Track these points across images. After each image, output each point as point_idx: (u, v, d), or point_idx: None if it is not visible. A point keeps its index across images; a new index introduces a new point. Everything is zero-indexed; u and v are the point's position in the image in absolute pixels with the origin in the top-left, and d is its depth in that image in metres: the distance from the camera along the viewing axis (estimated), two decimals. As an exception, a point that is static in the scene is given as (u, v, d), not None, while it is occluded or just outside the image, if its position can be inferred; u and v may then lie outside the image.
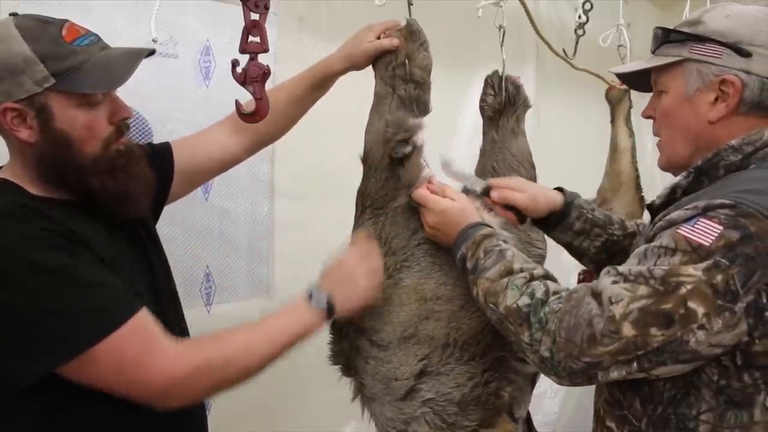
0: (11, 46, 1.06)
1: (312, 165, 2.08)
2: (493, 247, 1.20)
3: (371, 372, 1.36)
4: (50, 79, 1.07)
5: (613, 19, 2.31)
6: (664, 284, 0.97)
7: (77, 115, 1.10)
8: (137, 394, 1.10)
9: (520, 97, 1.63)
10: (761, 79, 1.09)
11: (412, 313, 1.33)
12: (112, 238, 1.17)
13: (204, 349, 1.14)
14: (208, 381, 1.13)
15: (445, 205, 1.30)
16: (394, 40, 1.38)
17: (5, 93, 1.07)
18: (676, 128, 1.18)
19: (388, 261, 1.36)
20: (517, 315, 1.08)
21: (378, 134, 1.37)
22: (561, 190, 1.43)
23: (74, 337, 1.03)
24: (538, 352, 1.04)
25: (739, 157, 1.10)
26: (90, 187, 1.13)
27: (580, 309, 1.01)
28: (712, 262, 0.95)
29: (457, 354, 1.32)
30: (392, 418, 1.34)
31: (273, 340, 1.19)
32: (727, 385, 1.01)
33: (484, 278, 1.17)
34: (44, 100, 1.08)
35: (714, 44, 1.11)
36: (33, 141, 1.09)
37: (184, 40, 1.78)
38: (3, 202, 1.07)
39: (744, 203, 0.98)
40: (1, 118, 1.08)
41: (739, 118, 1.12)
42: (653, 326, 0.96)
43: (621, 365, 0.99)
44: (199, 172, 1.48)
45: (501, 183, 1.41)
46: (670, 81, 1.17)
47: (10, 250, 1.02)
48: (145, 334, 1.09)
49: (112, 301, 1.07)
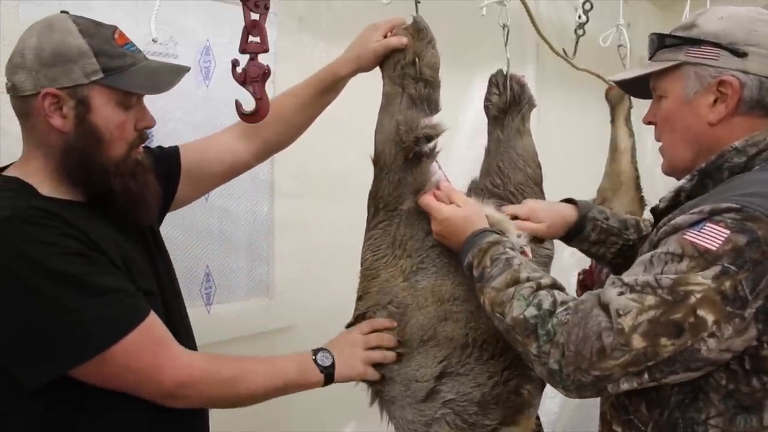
0: (67, 38, 1.10)
1: (312, 165, 2.08)
2: (499, 255, 1.18)
3: (389, 375, 1.35)
4: (99, 73, 1.11)
5: (613, 19, 2.31)
6: (673, 294, 0.95)
7: (113, 113, 1.14)
8: (147, 394, 1.13)
9: (525, 96, 1.62)
10: (759, 78, 1.09)
11: (430, 315, 1.33)
12: (123, 239, 1.18)
13: (215, 362, 1.21)
14: (213, 391, 1.19)
15: (447, 214, 1.29)
16: (403, 38, 1.37)
17: (51, 78, 1.09)
18: (677, 132, 1.17)
19: (404, 263, 1.35)
20: (524, 326, 1.06)
21: (390, 135, 1.35)
22: (573, 202, 1.44)
23: (85, 343, 1.05)
24: (547, 365, 1.03)
25: (744, 159, 1.09)
26: (111, 188, 1.15)
27: (589, 321, 0.99)
28: (720, 269, 0.94)
29: (477, 354, 1.31)
30: (413, 420, 1.32)
31: (273, 377, 1.25)
32: (736, 390, 1.01)
33: (490, 287, 1.15)
34: (87, 92, 1.11)
35: (709, 46, 1.11)
36: (65, 130, 1.11)
37: (184, 40, 1.77)
38: (19, 206, 1.07)
39: (750, 206, 0.97)
40: (40, 102, 1.09)
41: (739, 118, 1.11)
42: (663, 336, 0.95)
43: (632, 377, 0.97)
44: (207, 177, 1.47)
45: (519, 212, 1.41)
46: (669, 85, 1.17)
47: (26, 254, 1.02)
48: (157, 338, 1.13)
49: (123, 308, 1.09)
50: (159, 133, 1.67)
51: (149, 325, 1.11)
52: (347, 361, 1.32)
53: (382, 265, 1.37)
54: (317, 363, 1.29)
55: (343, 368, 1.32)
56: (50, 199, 1.12)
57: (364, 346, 1.33)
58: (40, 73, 1.09)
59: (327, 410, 1.97)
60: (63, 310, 1.03)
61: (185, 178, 1.42)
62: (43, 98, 1.09)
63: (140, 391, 1.12)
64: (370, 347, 1.33)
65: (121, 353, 1.07)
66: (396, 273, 1.36)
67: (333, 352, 1.32)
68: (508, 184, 1.54)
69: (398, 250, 1.36)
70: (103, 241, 1.10)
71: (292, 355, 1.31)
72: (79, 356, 1.05)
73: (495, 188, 1.54)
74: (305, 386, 1.30)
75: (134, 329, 1.08)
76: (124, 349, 1.07)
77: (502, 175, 1.56)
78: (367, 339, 1.34)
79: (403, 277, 1.35)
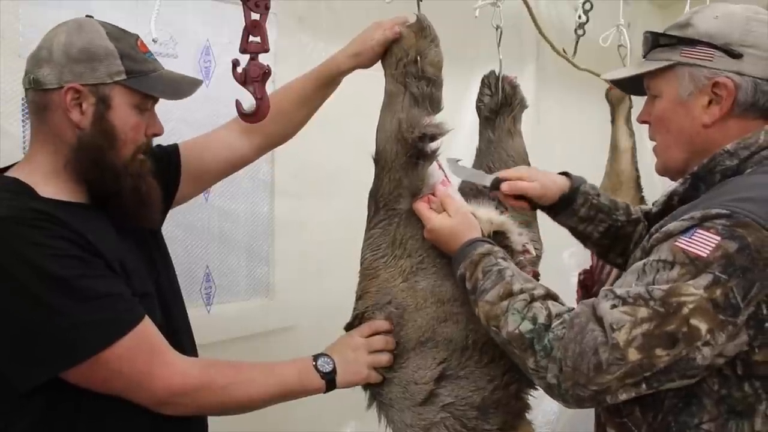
0: (95, 38, 1.14)
1: (312, 165, 2.08)
2: (491, 267, 1.18)
3: (387, 377, 1.34)
4: (122, 75, 1.14)
5: (613, 19, 2.31)
6: (665, 305, 0.95)
7: (130, 115, 1.17)
8: (139, 400, 1.12)
9: (516, 98, 1.63)
10: (754, 80, 1.08)
11: (429, 316, 1.31)
12: (121, 241, 1.18)
13: (210, 370, 1.19)
14: (208, 399, 1.18)
15: (435, 224, 1.29)
16: (396, 27, 1.36)
17: (77, 74, 1.12)
18: (671, 133, 1.17)
19: (404, 263, 1.34)
20: (521, 341, 1.06)
21: (391, 133, 1.34)
22: (568, 175, 1.42)
23: (74, 347, 1.04)
24: (545, 379, 1.03)
25: (736, 162, 1.09)
26: (121, 188, 1.16)
27: (585, 337, 0.99)
28: (711, 278, 0.94)
29: (477, 356, 1.30)
30: (411, 424, 1.30)
31: (271, 385, 1.24)
32: (728, 395, 1.01)
33: (484, 301, 1.15)
34: (108, 91, 1.14)
35: (704, 47, 1.10)
36: (82, 126, 1.13)
37: (184, 40, 1.77)
38: (17, 207, 1.07)
39: (740, 213, 0.96)
40: (62, 96, 1.11)
41: (733, 120, 1.10)
42: (658, 348, 0.95)
43: (629, 387, 0.97)
44: (207, 173, 1.48)
45: (511, 174, 1.39)
46: (663, 85, 1.16)
47: (21, 256, 1.03)
48: (151, 344, 1.12)
49: (116, 312, 1.08)
50: (159, 133, 1.68)
51: (143, 330, 1.10)
52: (350, 367, 1.30)
53: (382, 265, 1.36)
54: (318, 369, 1.28)
55: (347, 374, 1.30)
56: (48, 201, 1.12)
57: (367, 350, 1.32)
58: (66, 68, 1.11)
59: (327, 411, 1.96)
60: (54, 312, 1.03)
61: (185, 177, 1.42)
62: (66, 93, 1.11)
63: (133, 397, 1.12)
64: (373, 351, 1.32)
65: (114, 358, 1.06)
66: (395, 273, 1.35)
67: (334, 358, 1.30)
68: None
69: (398, 250, 1.35)
70: (101, 243, 1.10)
71: (292, 361, 1.29)
72: (68, 360, 1.04)
73: (485, 188, 1.54)
74: (306, 393, 1.28)
75: (127, 334, 1.07)
76: (116, 354, 1.06)
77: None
78: (370, 342, 1.32)
79: (403, 277, 1.34)
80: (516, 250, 1.36)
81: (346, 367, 1.30)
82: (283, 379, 1.25)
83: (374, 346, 1.32)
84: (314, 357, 1.30)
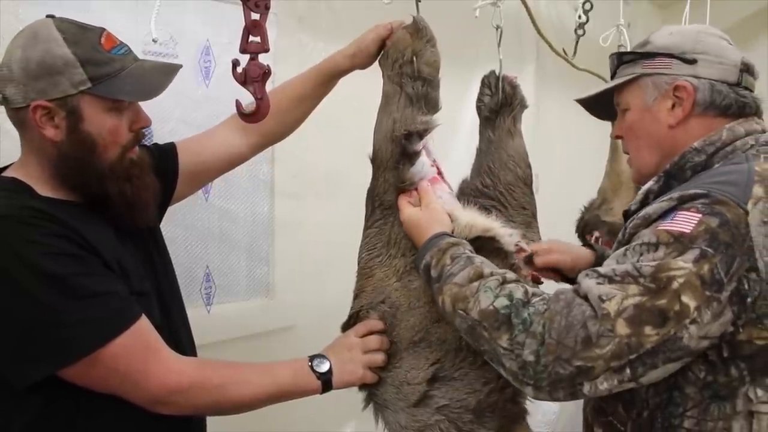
0: (52, 48, 1.09)
1: (312, 165, 2.08)
2: (460, 254, 1.18)
3: (381, 376, 1.33)
4: (87, 83, 1.10)
5: (613, 19, 2.30)
6: (655, 281, 0.97)
7: (105, 119, 1.14)
8: (134, 399, 1.12)
9: (516, 98, 1.62)
10: (710, 82, 1.18)
11: (422, 316, 1.31)
12: (119, 240, 1.18)
13: (205, 370, 1.19)
14: (203, 399, 1.17)
15: (405, 216, 1.31)
16: (388, 24, 1.38)
17: (40, 91, 1.09)
18: (642, 138, 1.25)
19: (398, 263, 1.34)
20: (494, 318, 1.05)
21: (386, 133, 1.35)
22: (591, 247, 1.51)
23: (69, 345, 1.04)
24: (520, 356, 1.01)
25: (703, 158, 1.15)
26: (107, 193, 1.15)
27: (573, 310, 0.99)
28: (699, 252, 0.97)
29: (471, 358, 1.28)
30: (406, 426, 1.30)
31: (267, 385, 1.23)
32: (714, 381, 1.03)
33: (451, 283, 1.14)
34: (77, 102, 1.11)
35: (662, 57, 1.21)
36: (58, 140, 1.11)
37: (184, 40, 1.77)
38: (15, 205, 1.07)
39: (717, 191, 1.02)
40: (31, 115, 1.09)
41: (695, 120, 1.19)
42: (648, 325, 0.95)
43: (612, 374, 0.97)
44: (204, 171, 1.48)
45: (543, 249, 1.46)
46: (631, 98, 1.26)
47: (18, 253, 1.03)
48: (146, 343, 1.12)
49: (111, 311, 1.08)
50: (159, 133, 1.67)
51: (139, 329, 1.10)
52: (346, 366, 1.30)
53: (377, 264, 1.37)
54: (313, 369, 1.28)
55: (343, 374, 1.30)
56: (47, 199, 1.12)
57: (363, 349, 1.32)
58: (28, 86, 1.08)
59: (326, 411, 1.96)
60: (50, 310, 1.03)
61: (183, 175, 1.42)
62: (34, 111, 1.09)
63: (129, 396, 1.12)
64: (369, 350, 1.32)
65: (109, 356, 1.06)
66: (390, 272, 1.35)
67: (330, 358, 1.30)
68: (498, 184, 1.55)
69: (393, 249, 1.35)
70: (98, 242, 1.10)
71: (288, 362, 1.29)
72: (64, 358, 1.05)
73: (485, 188, 1.55)
74: (302, 393, 1.28)
75: (122, 333, 1.07)
76: (111, 353, 1.06)
77: (492, 175, 1.57)
78: (366, 342, 1.32)
79: (397, 276, 1.34)
80: (509, 252, 1.36)
81: (342, 367, 1.30)
82: (279, 379, 1.25)
83: (370, 346, 1.32)
84: (310, 357, 1.30)
